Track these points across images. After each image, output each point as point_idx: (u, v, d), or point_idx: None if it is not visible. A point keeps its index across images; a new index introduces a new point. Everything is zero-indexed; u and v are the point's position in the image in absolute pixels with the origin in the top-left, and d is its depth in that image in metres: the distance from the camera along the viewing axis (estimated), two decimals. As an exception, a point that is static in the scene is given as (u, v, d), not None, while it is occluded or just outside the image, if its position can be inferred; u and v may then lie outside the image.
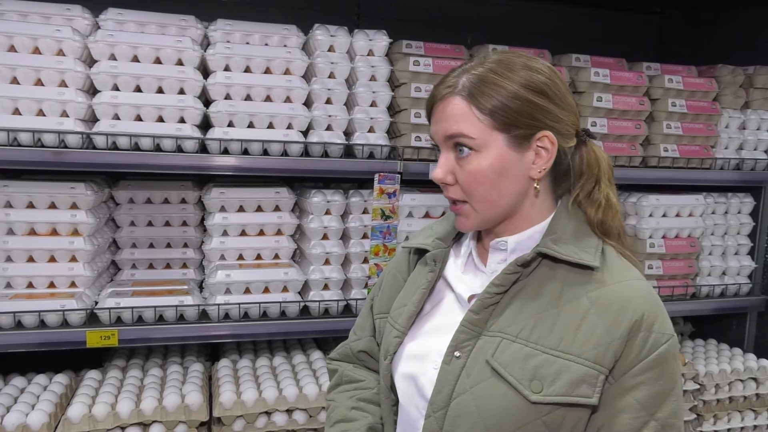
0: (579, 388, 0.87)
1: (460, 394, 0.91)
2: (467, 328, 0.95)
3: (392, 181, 1.87)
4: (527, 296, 0.94)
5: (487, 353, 0.92)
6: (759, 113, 2.36)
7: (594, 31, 2.77)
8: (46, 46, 1.67)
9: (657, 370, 0.88)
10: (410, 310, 1.04)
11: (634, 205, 2.25)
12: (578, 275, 0.93)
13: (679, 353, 0.95)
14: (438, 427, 0.93)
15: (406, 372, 1.01)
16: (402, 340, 1.04)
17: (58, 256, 1.76)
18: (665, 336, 0.89)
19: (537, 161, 0.95)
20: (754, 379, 2.21)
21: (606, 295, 0.91)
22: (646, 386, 0.87)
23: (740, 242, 2.39)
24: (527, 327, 0.91)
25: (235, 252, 1.93)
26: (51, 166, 1.64)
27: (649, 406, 0.87)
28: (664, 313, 0.92)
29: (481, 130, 0.92)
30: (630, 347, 0.88)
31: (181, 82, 1.75)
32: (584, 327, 0.89)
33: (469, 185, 0.95)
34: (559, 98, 0.94)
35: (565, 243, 0.94)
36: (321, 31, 1.90)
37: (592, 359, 0.87)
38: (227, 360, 2.02)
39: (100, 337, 1.69)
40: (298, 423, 1.76)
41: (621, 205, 1.12)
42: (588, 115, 2.12)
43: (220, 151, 1.78)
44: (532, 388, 0.87)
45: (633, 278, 0.94)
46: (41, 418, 1.58)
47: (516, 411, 0.87)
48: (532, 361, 0.89)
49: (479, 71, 0.93)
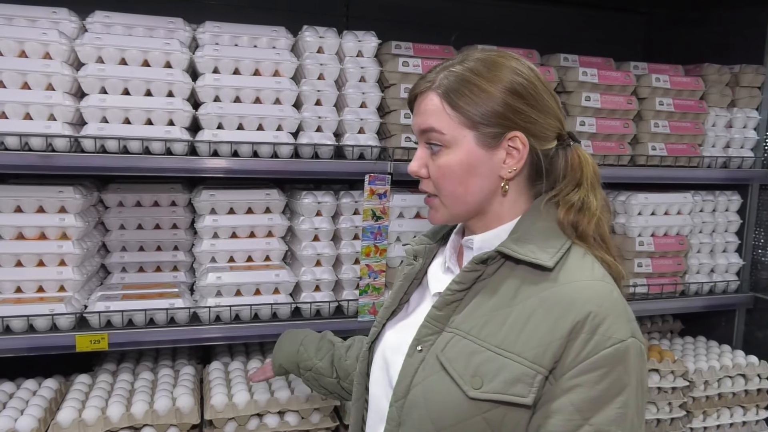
0: (515, 387, 0.86)
1: (416, 386, 0.94)
2: (429, 323, 0.98)
3: (383, 182, 1.87)
4: (486, 294, 0.95)
5: (439, 348, 0.94)
6: (745, 111, 2.38)
7: (582, 31, 2.78)
8: (33, 50, 1.66)
9: (596, 373, 0.84)
10: (387, 303, 1.11)
11: (623, 204, 2.26)
12: (535, 275, 0.93)
13: (641, 361, 0.87)
14: (398, 415, 0.96)
15: (381, 361, 1.06)
16: (379, 330, 1.10)
17: (47, 260, 1.75)
18: (611, 340, 0.85)
19: (508, 161, 0.96)
20: (743, 376, 2.23)
21: (555, 295, 0.89)
22: (582, 389, 0.84)
23: (728, 240, 2.42)
24: (479, 324, 0.93)
25: (226, 254, 1.92)
26: (39, 170, 1.62)
27: (585, 409, 0.83)
28: (618, 316, 0.87)
29: (452, 127, 0.94)
30: (570, 348, 0.85)
31: (169, 84, 1.74)
32: (529, 326, 0.89)
33: (437, 179, 0.98)
34: (535, 100, 0.95)
35: (526, 243, 0.94)
36: (310, 33, 1.90)
37: (530, 359, 0.87)
38: (219, 362, 2.02)
39: (90, 341, 1.68)
40: (290, 425, 1.76)
41: (612, 208, 1.11)
42: (577, 114, 2.14)
43: (210, 154, 1.77)
44: (473, 384, 0.88)
45: (587, 279, 0.91)
46: (30, 423, 1.57)
47: (456, 405, 0.89)
48: (476, 357, 0.90)
49: (457, 69, 0.95)
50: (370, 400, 1.09)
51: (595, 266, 0.94)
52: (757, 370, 2.23)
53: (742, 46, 2.46)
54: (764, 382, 2.24)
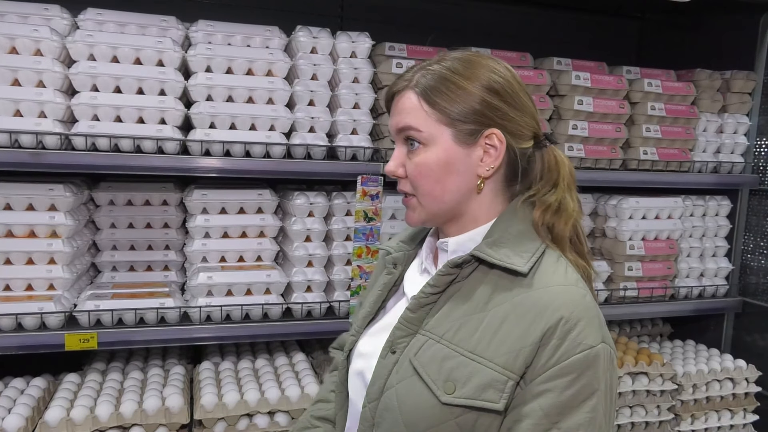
0: (486, 392, 0.86)
1: (389, 388, 0.94)
2: (403, 325, 0.97)
3: (375, 183, 1.88)
4: (460, 298, 0.95)
5: (412, 352, 0.93)
6: (736, 117, 2.40)
7: (575, 35, 2.79)
8: (24, 46, 1.65)
9: (565, 379, 0.84)
10: (365, 311, 1.08)
11: (615, 208, 2.27)
12: (509, 280, 0.92)
13: (610, 366, 0.87)
14: (371, 416, 0.95)
15: (357, 368, 1.05)
16: (357, 339, 1.07)
17: (36, 258, 1.74)
18: (581, 346, 0.85)
19: (485, 159, 0.95)
20: (731, 379, 2.24)
21: (527, 300, 0.89)
22: (552, 394, 0.84)
23: (718, 244, 2.43)
24: (452, 329, 0.92)
25: (217, 254, 1.92)
26: (29, 167, 1.62)
27: (553, 414, 0.84)
28: (588, 322, 0.87)
29: (429, 124, 0.94)
30: (540, 354, 0.85)
31: (161, 83, 1.73)
32: (501, 332, 0.88)
33: (414, 178, 0.96)
34: (512, 98, 0.95)
35: (501, 246, 0.94)
36: (303, 33, 1.90)
37: (501, 364, 0.86)
38: (209, 362, 2.01)
39: (79, 340, 1.67)
40: (279, 425, 1.75)
41: (582, 210, 1.10)
42: (569, 118, 2.14)
43: (202, 153, 1.77)
44: (445, 389, 0.88)
45: (559, 284, 0.90)
46: (18, 422, 1.56)
47: (429, 410, 0.88)
48: (449, 362, 0.89)
49: (435, 68, 0.95)
50: (349, 405, 1.09)
51: (568, 270, 0.93)
52: (744, 374, 2.25)
53: (733, 52, 2.48)
54: (752, 386, 2.26)
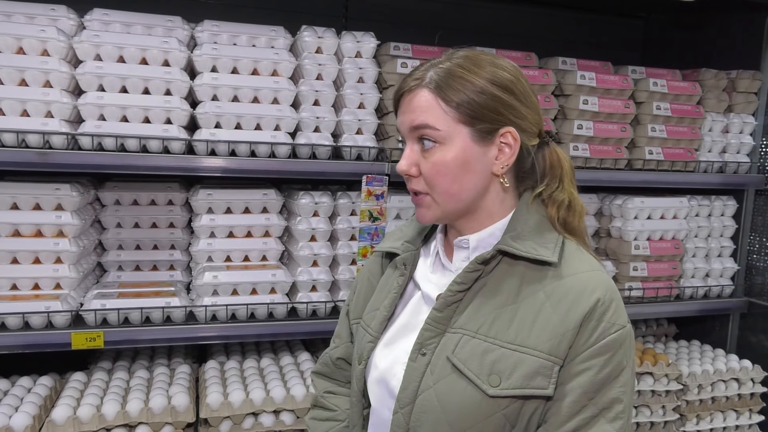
0: (534, 380, 0.89)
1: (425, 390, 0.93)
2: (431, 326, 0.97)
3: (380, 182, 1.88)
4: (488, 293, 0.96)
5: (449, 350, 0.94)
6: (741, 116, 2.39)
7: (580, 35, 2.79)
8: (31, 47, 1.66)
9: (603, 357, 0.89)
10: (382, 315, 1.06)
11: (620, 208, 2.27)
12: (537, 271, 0.95)
13: (634, 343, 0.95)
14: (405, 422, 0.95)
15: (378, 376, 1.03)
16: (375, 345, 1.05)
17: (43, 257, 1.75)
18: (615, 326, 0.90)
19: (500, 157, 0.97)
20: (736, 380, 2.24)
21: (561, 288, 0.92)
22: (590, 372, 0.89)
23: (723, 244, 2.43)
24: (486, 323, 0.93)
25: (223, 253, 1.92)
26: (35, 167, 1.62)
27: (591, 391, 0.88)
28: (618, 303, 0.93)
29: (447, 123, 0.94)
30: (581, 335, 0.90)
31: (167, 83, 1.74)
32: (539, 320, 0.91)
33: (432, 177, 0.96)
34: (523, 96, 0.96)
35: (525, 239, 0.96)
36: (308, 33, 1.90)
37: (546, 351, 0.89)
38: (214, 361, 2.02)
39: (86, 339, 1.68)
40: (285, 424, 1.76)
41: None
42: (574, 117, 2.14)
43: (207, 153, 1.77)
44: (491, 383, 0.89)
45: (588, 270, 0.95)
46: (25, 421, 1.57)
47: (476, 405, 0.89)
48: (490, 356, 0.91)
49: (447, 65, 0.96)
50: (371, 416, 1.07)
51: (589, 257, 0.98)
52: (750, 375, 2.24)
53: (739, 51, 2.47)
54: (757, 387, 2.25)
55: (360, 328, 1.11)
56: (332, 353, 1.22)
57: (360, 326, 1.11)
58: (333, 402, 1.19)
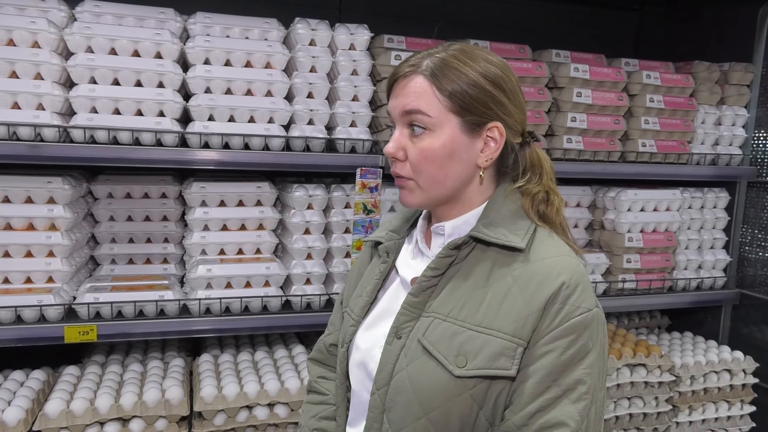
0: (498, 361, 0.91)
1: (399, 372, 0.96)
2: (407, 310, 1.00)
3: (374, 175, 1.87)
4: (461, 278, 0.99)
5: (420, 333, 0.97)
6: (734, 109, 2.40)
7: (574, 27, 2.79)
8: (21, 38, 1.64)
9: (567, 339, 0.91)
10: (364, 300, 1.10)
11: (613, 200, 2.28)
12: (507, 256, 0.98)
13: (604, 328, 0.97)
14: (381, 403, 0.98)
15: (359, 359, 1.06)
16: (357, 329, 1.09)
17: (35, 251, 1.74)
18: (580, 309, 0.92)
19: (485, 150, 1.00)
20: (728, 371, 2.26)
21: (527, 272, 0.95)
22: (554, 354, 0.91)
23: (716, 236, 2.44)
24: (457, 306, 0.96)
25: (216, 247, 1.92)
26: (27, 159, 1.61)
27: (555, 372, 0.90)
28: (585, 287, 0.94)
29: (439, 110, 0.96)
30: (544, 318, 0.92)
31: (160, 75, 1.73)
32: (506, 303, 0.94)
33: (418, 162, 0.98)
34: (512, 94, 0.99)
35: (497, 227, 0.99)
36: (302, 25, 1.89)
37: (510, 333, 0.92)
38: (208, 355, 2.01)
39: (79, 333, 1.67)
40: (279, 417, 1.76)
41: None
42: (568, 110, 2.14)
43: (201, 145, 1.76)
44: (457, 363, 0.92)
45: (556, 255, 0.97)
46: (17, 414, 1.56)
47: (443, 386, 0.92)
48: (458, 338, 0.94)
49: (442, 55, 0.98)
50: (352, 397, 1.10)
51: (560, 243, 1.01)
52: (742, 366, 2.26)
53: (732, 44, 2.48)
54: (749, 378, 2.27)
55: (345, 314, 1.15)
56: (326, 340, 1.25)
57: (346, 312, 1.15)
58: (325, 386, 1.22)
